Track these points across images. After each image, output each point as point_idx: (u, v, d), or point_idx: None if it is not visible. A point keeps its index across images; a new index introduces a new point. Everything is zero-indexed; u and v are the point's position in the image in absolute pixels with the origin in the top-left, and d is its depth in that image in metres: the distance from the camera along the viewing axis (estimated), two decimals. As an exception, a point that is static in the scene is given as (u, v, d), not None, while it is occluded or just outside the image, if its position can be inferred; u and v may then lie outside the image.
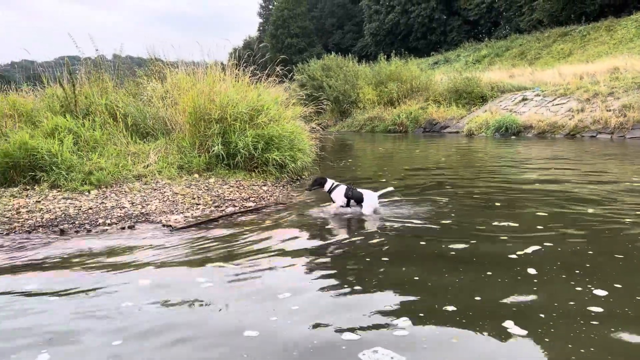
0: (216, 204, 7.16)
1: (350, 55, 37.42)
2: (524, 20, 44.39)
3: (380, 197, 6.51)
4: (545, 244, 4.85)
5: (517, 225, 5.68)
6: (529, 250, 4.67)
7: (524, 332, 3.07)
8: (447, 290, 3.81)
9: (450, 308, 3.44)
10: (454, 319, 3.29)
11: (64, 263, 4.69)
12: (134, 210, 6.64)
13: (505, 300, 3.58)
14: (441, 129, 25.21)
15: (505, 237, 5.15)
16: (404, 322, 3.25)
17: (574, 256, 4.56)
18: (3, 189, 7.80)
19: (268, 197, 7.86)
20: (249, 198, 7.73)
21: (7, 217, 6.40)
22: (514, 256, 4.51)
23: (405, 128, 26.57)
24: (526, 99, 23.34)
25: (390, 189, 6.71)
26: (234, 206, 7.18)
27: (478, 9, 49.54)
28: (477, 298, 3.63)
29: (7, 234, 5.76)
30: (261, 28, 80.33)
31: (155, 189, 7.76)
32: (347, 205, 6.49)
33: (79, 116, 9.64)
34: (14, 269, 4.57)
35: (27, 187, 7.84)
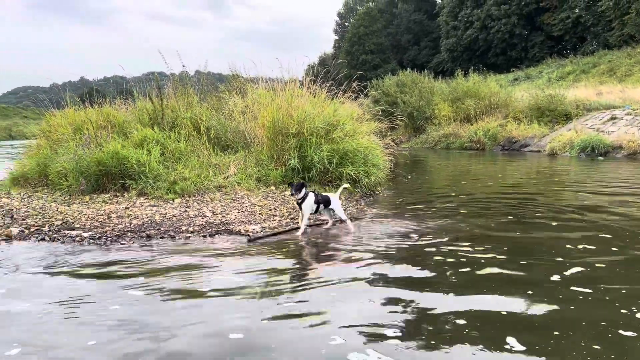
0: (292, 216, 7.28)
1: (426, 71, 36.99)
2: (613, 36, 41.93)
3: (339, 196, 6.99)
4: (598, 265, 4.75)
5: (576, 246, 5.53)
6: (579, 269, 4.60)
7: (522, 348, 3.11)
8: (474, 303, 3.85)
9: (461, 322, 3.51)
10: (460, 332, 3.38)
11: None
12: (215, 219, 6.90)
13: (525, 317, 3.60)
14: (521, 147, 24.25)
15: (560, 258, 5.06)
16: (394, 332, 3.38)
17: (630, 280, 4.40)
18: (96, 195, 8.38)
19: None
20: (323, 212, 7.80)
21: (99, 222, 6.86)
22: (557, 277, 4.42)
23: (482, 145, 25.78)
24: (615, 118, 21.97)
25: (346, 185, 7.70)
26: (308, 219, 7.26)
27: (563, 24, 47.41)
28: (504, 313, 3.67)
29: (100, 237, 6.16)
30: (336, 45, 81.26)
31: (235, 200, 8.03)
32: (316, 211, 6.60)
33: (166, 128, 10.19)
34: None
35: (117, 194, 8.37)
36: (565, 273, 4.53)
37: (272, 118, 9.65)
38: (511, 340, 3.22)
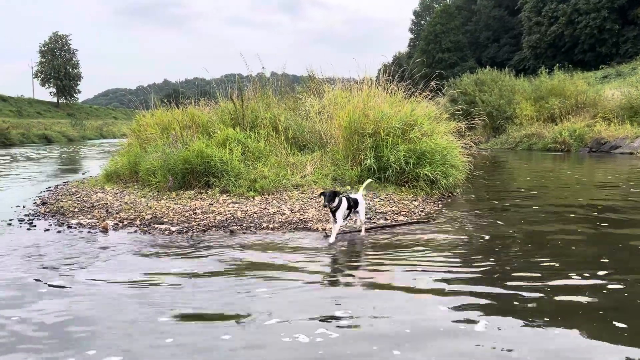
0: (368, 216, 7.29)
1: (506, 69, 35.58)
2: None
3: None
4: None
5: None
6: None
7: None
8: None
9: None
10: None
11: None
12: (293, 217, 7.06)
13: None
14: (611, 149, 22.75)
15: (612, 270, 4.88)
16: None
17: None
18: (182, 191, 8.83)
19: (419, 213, 7.81)
20: (400, 212, 7.76)
21: (185, 217, 7.23)
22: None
23: (567, 147, 24.42)
24: None
25: (369, 181, 7.52)
26: (385, 219, 7.26)
27: (660, 16, 43.96)
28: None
29: (187, 232, 6.49)
30: (411, 44, 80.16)
31: (311, 198, 8.17)
32: (348, 216, 6.28)
33: (246, 128, 10.54)
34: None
35: (201, 191, 8.77)
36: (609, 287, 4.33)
37: (349, 118, 9.70)
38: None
